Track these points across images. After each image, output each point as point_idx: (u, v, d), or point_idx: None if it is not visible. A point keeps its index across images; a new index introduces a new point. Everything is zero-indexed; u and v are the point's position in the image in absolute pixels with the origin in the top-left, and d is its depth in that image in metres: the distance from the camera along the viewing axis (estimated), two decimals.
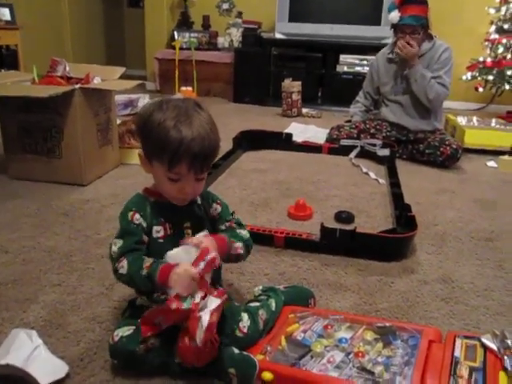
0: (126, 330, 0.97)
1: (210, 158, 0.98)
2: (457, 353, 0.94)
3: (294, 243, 1.58)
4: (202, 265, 0.91)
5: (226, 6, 5.15)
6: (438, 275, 1.47)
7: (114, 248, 0.98)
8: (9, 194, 1.98)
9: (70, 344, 1.07)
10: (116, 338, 0.96)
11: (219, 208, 1.11)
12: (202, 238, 0.97)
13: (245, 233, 1.11)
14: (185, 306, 0.89)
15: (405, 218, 1.68)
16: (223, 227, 1.10)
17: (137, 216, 1.00)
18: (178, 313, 0.89)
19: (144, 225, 1.00)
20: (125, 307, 1.12)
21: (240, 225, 1.13)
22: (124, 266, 0.95)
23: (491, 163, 2.74)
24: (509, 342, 0.93)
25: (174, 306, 0.88)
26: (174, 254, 0.94)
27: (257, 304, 1.08)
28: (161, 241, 1.02)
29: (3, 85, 2.11)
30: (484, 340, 0.95)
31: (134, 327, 0.97)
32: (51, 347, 1.04)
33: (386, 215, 1.92)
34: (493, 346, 0.93)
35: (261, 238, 1.56)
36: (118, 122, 2.49)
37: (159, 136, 0.93)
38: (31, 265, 1.42)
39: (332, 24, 4.33)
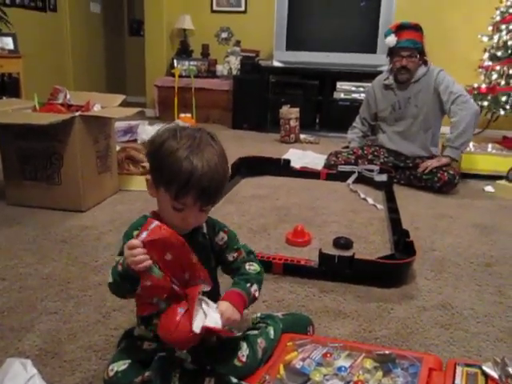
0: (121, 365, 0.95)
1: (218, 192, 0.96)
2: (457, 381, 0.93)
3: (293, 270, 1.57)
4: (144, 233, 0.88)
5: (224, 34, 5.27)
6: (438, 301, 1.46)
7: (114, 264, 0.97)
8: (7, 220, 1.98)
9: (66, 373, 1.06)
10: (111, 373, 0.95)
11: (226, 237, 1.07)
12: (225, 306, 0.94)
13: (255, 267, 1.06)
14: (156, 274, 0.87)
15: (403, 243, 1.68)
16: (231, 258, 1.06)
17: None
18: (158, 286, 0.87)
19: None
20: (121, 336, 1.10)
21: (249, 253, 1.09)
22: (109, 274, 0.94)
23: (488, 188, 2.76)
24: (510, 369, 0.92)
25: (148, 283, 0.86)
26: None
27: (255, 332, 1.06)
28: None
29: (4, 112, 2.13)
30: (485, 368, 0.94)
31: (129, 361, 0.95)
32: (46, 377, 1.02)
33: (385, 241, 1.92)
34: (494, 374, 0.92)
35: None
36: (118, 148, 2.51)
37: (170, 166, 0.91)
38: (28, 292, 1.41)
39: (328, 52, 4.42)
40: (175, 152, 0.91)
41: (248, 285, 1.01)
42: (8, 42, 4.01)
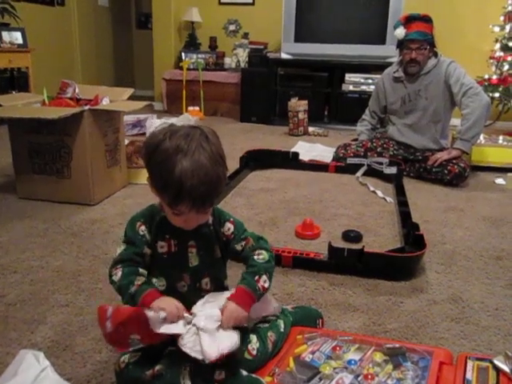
0: (132, 357, 0.96)
1: (213, 196, 0.94)
2: (468, 375, 0.93)
3: (302, 263, 1.57)
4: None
5: (232, 27, 5.24)
6: (448, 295, 1.45)
7: (118, 251, 1.02)
8: (18, 213, 2.00)
9: (77, 365, 1.07)
10: (122, 365, 0.95)
11: (232, 227, 1.06)
12: (233, 307, 0.95)
13: (263, 255, 1.04)
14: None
15: (413, 236, 1.67)
16: (239, 247, 1.06)
17: (142, 228, 1.01)
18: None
19: (148, 237, 1.01)
20: None
21: (258, 239, 1.07)
22: (118, 274, 0.98)
23: (499, 180, 2.73)
24: None
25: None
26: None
27: (266, 325, 1.06)
28: (164, 256, 1.02)
29: (14, 107, 2.15)
30: (496, 362, 0.94)
31: (140, 354, 0.96)
32: (58, 368, 1.03)
33: (394, 234, 1.91)
34: (506, 368, 0.92)
35: None
36: (126, 142, 2.51)
37: (161, 174, 0.91)
38: (39, 285, 1.43)
39: (337, 44, 4.38)
40: (165, 160, 0.90)
41: (256, 278, 1.00)
42: (17, 37, 4.03)
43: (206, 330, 0.92)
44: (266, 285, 1.01)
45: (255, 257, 1.03)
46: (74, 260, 1.60)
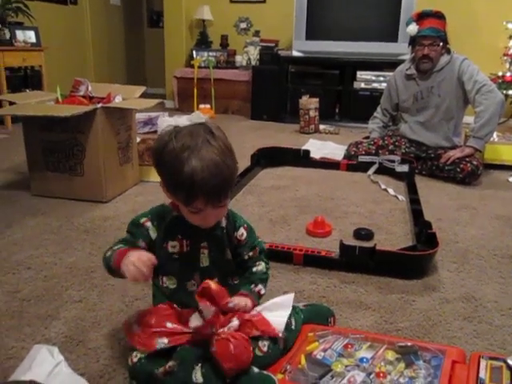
0: (143, 352, 0.96)
1: (226, 189, 0.95)
2: (482, 374, 0.92)
3: (313, 260, 1.57)
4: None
5: (243, 25, 5.24)
6: (461, 293, 1.44)
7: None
8: (31, 210, 2.03)
9: (91, 361, 1.08)
10: (135, 359, 0.96)
11: (245, 233, 1.09)
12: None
13: (261, 266, 1.10)
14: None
15: (425, 235, 1.66)
16: (246, 256, 1.09)
17: (148, 224, 1.02)
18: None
19: (151, 235, 1.02)
20: None
21: (261, 251, 1.12)
22: (107, 254, 1.01)
23: None
24: None
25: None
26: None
27: None
28: (176, 257, 1.02)
29: (28, 104, 2.17)
30: (510, 361, 0.93)
31: None
32: (72, 363, 1.05)
33: (406, 232, 1.90)
34: None
35: (279, 255, 1.56)
36: (138, 139, 2.53)
37: (172, 174, 0.92)
38: (53, 281, 1.44)
39: (349, 41, 4.36)
40: (174, 158, 0.91)
41: (252, 286, 1.07)
42: (31, 36, 4.07)
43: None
44: (262, 291, 1.09)
45: (254, 268, 1.10)
46: (87, 256, 1.61)
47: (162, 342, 0.95)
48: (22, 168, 2.55)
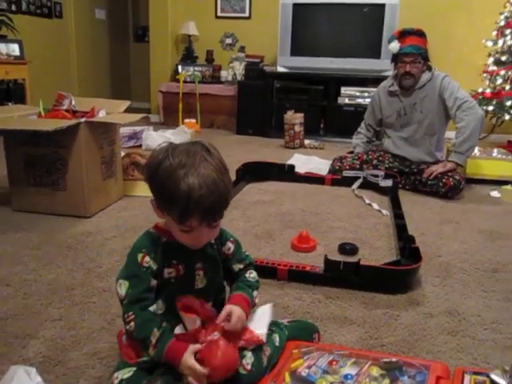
0: (126, 373, 0.94)
1: (222, 207, 0.94)
2: None
3: (298, 276, 1.56)
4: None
5: (229, 40, 5.29)
6: (445, 308, 1.44)
7: (121, 291, 0.96)
8: (12, 226, 1.99)
9: (70, 381, 1.05)
10: (116, 382, 0.93)
11: (232, 247, 1.09)
12: (239, 312, 0.99)
13: (254, 274, 1.11)
14: None
15: (409, 249, 1.67)
16: (236, 269, 1.09)
17: (147, 258, 0.97)
18: None
19: (154, 267, 0.97)
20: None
21: (249, 264, 1.12)
22: (131, 326, 0.94)
23: (494, 193, 2.74)
24: None
25: None
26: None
27: None
28: (172, 281, 1.00)
29: (10, 118, 2.15)
30: (493, 376, 0.93)
31: (134, 369, 0.95)
32: None
33: (390, 247, 1.91)
34: (503, 382, 0.91)
35: (264, 270, 1.54)
36: (123, 154, 2.51)
37: (168, 191, 0.90)
38: (32, 298, 1.41)
39: (333, 57, 4.43)
40: (170, 175, 0.89)
41: (251, 290, 1.06)
42: (14, 49, 4.05)
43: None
44: (257, 300, 1.07)
45: (247, 275, 1.09)
46: (68, 273, 1.58)
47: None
48: (2, 182, 2.51)
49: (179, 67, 5.10)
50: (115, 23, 6.40)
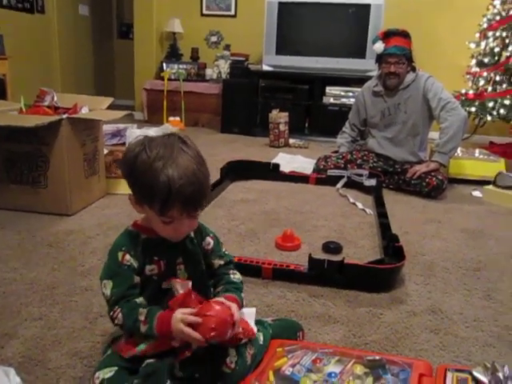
0: (107, 372, 0.93)
1: (203, 197, 0.94)
2: None
3: (282, 274, 1.56)
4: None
5: (214, 38, 5.27)
6: (427, 306, 1.45)
7: (106, 291, 0.96)
8: None
9: (50, 382, 1.03)
10: (97, 382, 0.92)
11: (212, 242, 1.09)
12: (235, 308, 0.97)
13: (238, 275, 1.10)
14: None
15: (392, 248, 1.68)
16: (216, 264, 1.09)
17: (127, 257, 0.97)
18: None
19: (135, 265, 0.97)
20: (107, 343, 1.08)
21: (230, 262, 1.11)
22: (119, 318, 0.94)
23: (476, 193, 2.78)
24: (500, 375, 0.91)
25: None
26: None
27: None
28: (155, 278, 1.00)
29: None
30: (475, 373, 0.94)
31: (115, 368, 0.93)
32: None
33: (374, 245, 1.92)
34: (484, 379, 0.92)
35: (248, 269, 1.54)
36: (106, 151, 2.48)
37: (147, 183, 0.90)
38: (12, 297, 1.38)
39: (318, 57, 4.44)
40: (149, 168, 0.89)
41: (239, 293, 1.05)
42: None
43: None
44: (244, 302, 1.06)
45: (231, 276, 1.09)
46: (49, 272, 1.55)
47: (144, 344, 0.94)
48: None
49: (164, 65, 5.06)
50: (99, 19, 6.32)
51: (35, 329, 1.23)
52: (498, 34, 3.89)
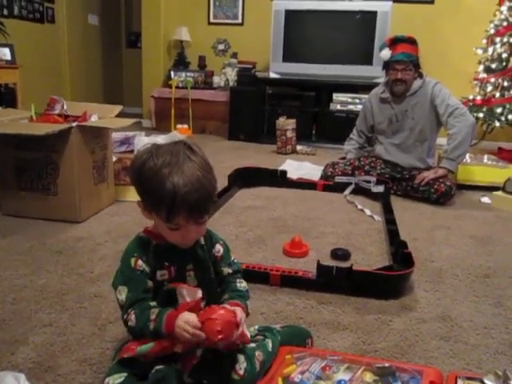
0: (117, 378, 0.93)
1: (208, 204, 0.95)
2: None
3: (290, 281, 1.56)
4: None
5: (221, 46, 5.30)
6: (437, 313, 1.44)
7: (121, 297, 0.97)
8: (1, 231, 1.96)
9: None
10: None
11: (222, 250, 1.10)
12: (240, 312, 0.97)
13: (244, 284, 1.11)
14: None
15: (401, 254, 1.67)
16: (225, 272, 1.10)
17: (140, 262, 0.99)
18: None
19: (147, 270, 0.99)
20: (117, 349, 1.08)
21: (238, 271, 1.12)
22: (132, 319, 0.95)
23: (485, 199, 2.76)
24: (511, 382, 0.90)
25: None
26: None
27: (253, 345, 1.04)
28: (165, 283, 1.01)
29: (0, 122, 2.12)
30: (486, 381, 0.93)
31: (125, 374, 0.94)
32: None
33: (382, 252, 1.91)
34: None
35: (256, 275, 1.54)
36: (114, 159, 2.50)
37: (153, 190, 0.91)
38: (22, 304, 1.39)
39: (325, 64, 4.45)
40: (155, 175, 0.91)
41: (245, 300, 1.06)
42: (5, 53, 4.02)
43: None
44: (250, 310, 1.07)
45: (238, 284, 1.09)
46: (59, 278, 1.56)
47: (143, 346, 0.94)
48: None
49: (171, 73, 5.10)
50: (108, 29, 6.39)
51: (45, 335, 1.24)
52: (505, 39, 3.89)
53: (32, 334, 1.24)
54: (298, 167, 3.41)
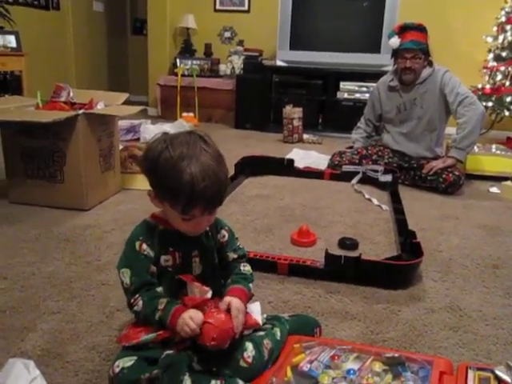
0: (127, 361, 0.93)
1: (223, 195, 0.97)
2: None
3: (298, 270, 1.55)
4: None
5: (227, 34, 5.25)
6: (446, 303, 1.43)
7: (125, 279, 0.98)
8: (9, 218, 1.97)
9: (69, 375, 1.04)
10: (117, 370, 0.93)
11: (227, 235, 1.11)
12: (238, 303, 0.98)
13: (248, 268, 1.12)
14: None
15: (409, 244, 1.66)
16: (230, 258, 1.10)
17: (144, 246, 0.99)
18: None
19: (151, 254, 1.00)
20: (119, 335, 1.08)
21: (243, 256, 1.13)
22: (139, 305, 0.96)
23: (493, 189, 2.73)
24: None
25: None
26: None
27: (261, 333, 1.04)
28: (169, 269, 1.01)
29: (7, 110, 2.12)
30: (498, 372, 0.92)
31: (135, 357, 0.94)
32: (49, 378, 1.00)
33: (390, 242, 1.90)
34: (508, 378, 0.90)
35: (264, 264, 1.54)
36: (120, 147, 2.49)
37: (170, 182, 0.92)
38: (30, 291, 1.39)
39: (332, 52, 4.40)
40: (172, 167, 0.91)
41: (247, 283, 1.07)
42: (11, 40, 4.00)
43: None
44: (252, 291, 1.08)
45: (242, 267, 1.10)
46: (67, 266, 1.57)
47: (149, 335, 0.95)
48: None
49: (177, 60, 5.06)
50: (113, 16, 6.34)
51: (53, 322, 1.24)
52: None
53: (40, 321, 1.24)
54: (305, 156, 3.39)
